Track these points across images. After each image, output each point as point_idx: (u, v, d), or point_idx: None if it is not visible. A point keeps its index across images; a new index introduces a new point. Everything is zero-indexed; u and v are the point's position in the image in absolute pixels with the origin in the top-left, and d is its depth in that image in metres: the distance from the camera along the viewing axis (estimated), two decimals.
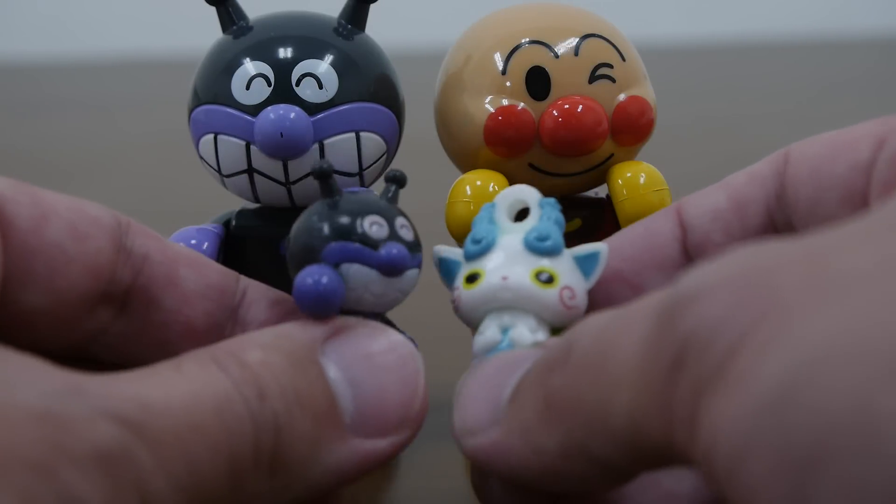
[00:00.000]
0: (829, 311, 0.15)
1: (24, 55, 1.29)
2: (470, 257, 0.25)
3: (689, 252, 0.26)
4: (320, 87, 0.28)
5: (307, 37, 0.29)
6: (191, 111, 0.29)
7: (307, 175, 0.28)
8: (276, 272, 0.30)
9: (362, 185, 0.29)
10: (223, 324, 0.25)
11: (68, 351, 0.24)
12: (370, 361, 0.22)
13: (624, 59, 0.29)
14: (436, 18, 0.89)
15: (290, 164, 0.28)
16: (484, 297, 0.24)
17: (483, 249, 0.24)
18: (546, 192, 0.30)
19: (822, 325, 0.15)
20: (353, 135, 0.28)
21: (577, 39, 0.29)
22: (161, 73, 1.18)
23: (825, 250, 0.16)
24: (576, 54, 0.29)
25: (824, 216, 0.24)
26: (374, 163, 0.29)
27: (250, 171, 0.29)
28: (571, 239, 0.30)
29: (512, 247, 0.24)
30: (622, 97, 0.29)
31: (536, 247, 0.24)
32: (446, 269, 0.26)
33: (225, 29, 0.30)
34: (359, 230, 0.23)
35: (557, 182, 0.29)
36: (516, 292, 0.24)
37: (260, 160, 0.28)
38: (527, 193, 0.26)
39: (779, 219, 0.25)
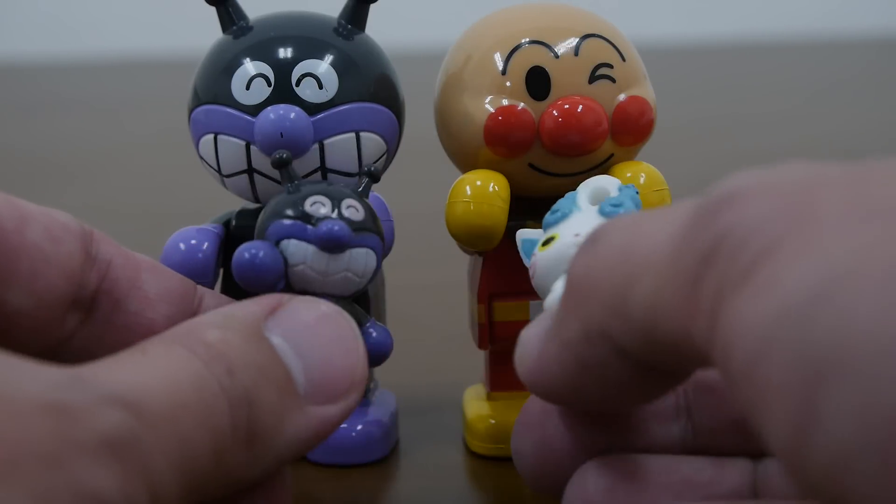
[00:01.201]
0: (864, 231, 0.15)
1: (24, 55, 1.29)
2: (547, 225, 0.25)
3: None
4: (320, 87, 0.28)
5: (307, 37, 0.29)
6: (191, 111, 0.29)
7: (309, 174, 0.28)
8: None
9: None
10: None
11: (40, 357, 0.25)
12: (312, 332, 0.23)
13: (624, 59, 0.29)
14: (436, 18, 0.89)
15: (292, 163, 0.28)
16: (558, 256, 0.24)
17: (559, 217, 0.25)
18: (546, 193, 0.30)
19: (855, 243, 0.15)
20: (353, 135, 0.28)
21: (577, 39, 0.29)
22: (161, 73, 1.18)
23: (868, 178, 0.16)
24: (576, 54, 0.29)
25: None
26: (375, 163, 0.29)
27: (250, 171, 0.29)
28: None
29: (587, 214, 0.25)
30: (622, 97, 0.29)
31: (610, 212, 0.25)
32: (526, 249, 0.26)
33: (225, 29, 0.30)
34: (299, 208, 0.24)
35: (557, 182, 0.29)
36: None
37: (260, 160, 0.28)
38: (607, 181, 0.26)
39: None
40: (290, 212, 0.24)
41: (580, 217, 0.25)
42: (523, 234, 0.27)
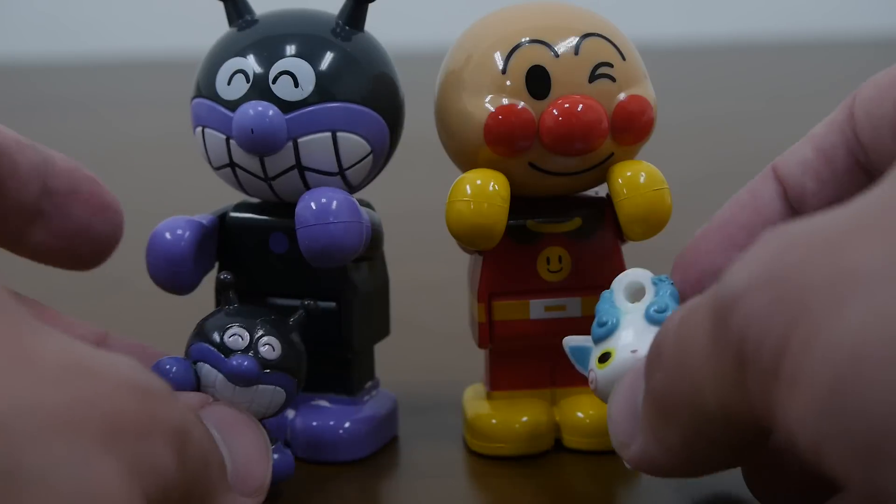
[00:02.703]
0: (855, 308, 0.16)
1: (23, 55, 1.29)
2: (598, 339, 0.27)
3: (792, 204, 0.28)
4: (296, 85, 0.28)
5: (295, 34, 0.29)
6: (190, 103, 0.30)
7: (285, 171, 0.29)
8: (265, 265, 0.30)
9: (346, 184, 0.29)
10: None
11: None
12: (236, 430, 0.25)
13: (624, 59, 0.29)
14: (435, 18, 0.89)
15: (267, 160, 0.28)
16: (619, 373, 0.26)
17: (610, 330, 0.27)
18: (546, 191, 0.30)
19: (851, 322, 0.16)
20: (328, 134, 0.28)
21: (577, 38, 0.29)
22: (161, 73, 1.18)
23: (843, 241, 0.17)
24: (576, 53, 0.29)
25: (885, 154, 0.26)
26: (357, 163, 0.29)
27: (232, 165, 0.29)
28: (571, 238, 0.30)
29: (636, 323, 0.26)
30: (622, 96, 0.29)
31: (657, 318, 0.26)
32: (578, 356, 0.28)
33: (231, 23, 0.30)
34: (218, 338, 0.27)
35: (557, 181, 0.29)
36: None
37: (239, 155, 0.29)
38: (640, 275, 0.28)
39: (862, 159, 0.27)
40: (212, 337, 0.27)
41: (629, 328, 0.26)
42: (571, 342, 0.28)
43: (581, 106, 0.28)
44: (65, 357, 0.20)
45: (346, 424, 0.30)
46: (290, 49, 0.29)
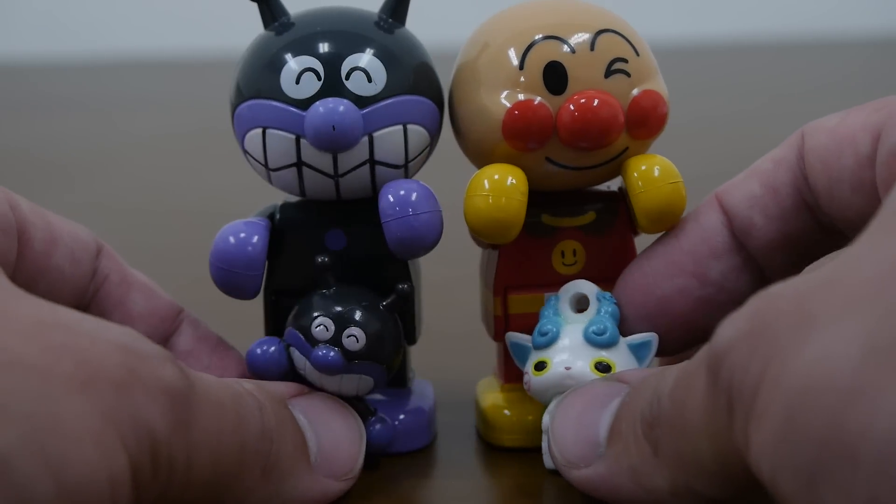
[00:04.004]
0: (810, 347, 0.18)
1: (23, 55, 1.29)
2: (538, 347, 0.29)
3: (736, 234, 0.29)
4: (369, 80, 0.28)
5: (352, 32, 0.29)
6: (235, 107, 0.29)
7: (356, 167, 0.29)
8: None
9: (406, 176, 0.30)
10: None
11: None
12: (326, 417, 0.27)
13: (638, 54, 0.29)
14: (441, 17, 0.89)
15: (340, 156, 0.28)
16: (551, 384, 0.28)
17: (549, 341, 0.29)
18: (562, 186, 0.30)
19: (805, 359, 0.18)
20: (400, 127, 0.29)
21: (592, 34, 0.29)
22: (162, 73, 1.18)
23: (809, 293, 0.19)
24: (591, 49, 0.29)
25: (840, 203, 0.26)
26: (419, 155, 0.30)
27: (299, 164, 0.29)
28: (586, 231, 0.30)
29: (574, 339, 0.29)
30: (636, 91, 0.29)
31: (595, 340, 0.28)
32: (518, 353, 0.30)
33: (266, 25, 0.30)
34: (307, 325, 0.28)
35: (573, 175, 0.29)
36: (578, 381, 0.28)
37: (310, 153, 0.28)
38: (587, 288, 0.30)
39: (809, 200, 0.28)
40: (302, 323, 0.28)
41: (566, 342, 0.28)
42: (512, 338, 0.30)
43: (597, 101, 0.28)
44: (43, 316, 0.21)
45: (401, 416, 0.31)
46: (359, 45, 0.29)
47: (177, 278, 0.38)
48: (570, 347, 0.28)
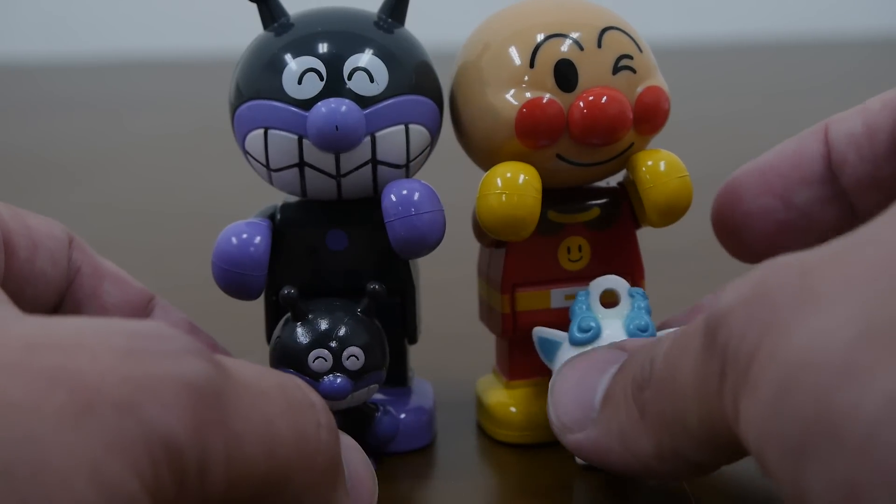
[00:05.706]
0: (809, 323, 0.18)
1: (25, 55, 1.29)
2: (579, 343, 0.28)
3: (833, 169, 0.28)
4: (371, 80, 0.28)
5: (353, 32, 0.29)
6: (235, 108, 0.29)
7: (358, 167, 0.29)
8: (320, 264, 0.30)
9: (407, 176, 0.30)
10: None
11: None
12: (347, 452, 0.25)
13: (641, 51, 0.29)
14: (441, 17, 0.89)
15: (343, 156, 0.28)
16: None
17: (592, 337, 0.28)
18: (570, 182, 0.30)
19: (802, 335, 0.18)
20: (402, 127, 0.29)
21: (598, 32, 0.29)
22: (162, 73, 1.18)
23: (815, 266, 0.19)
24: (598, 46, 0.29)
25: None
26: (420, 154, 0.30)
27: (301, 164, 0.29)
28: (591, 227, 0.31)
29: (616, 334, 0.28)
30: (641, 88, 0.29)
31: (639, 336, 0.28)
32: (546, 348, 0.29)
33: (266, 26, 0.30)
34: (303, 363, 0.28)
35: (581, 172, 0.30)
36: None
37: (312, 153, 0.28)
38: (618, 283, 0.29)
39: None
40: (297, 363, 0.28)
41: (610, 338, 0.28)
42: (541, 333, 0.29)
43: (607, 98, 0.28)
44: (35, 337, 0.19)
45: (402, 415, 0.31)
46: (360, 45, 0.29)
47: (178, 278, 0.38)
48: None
